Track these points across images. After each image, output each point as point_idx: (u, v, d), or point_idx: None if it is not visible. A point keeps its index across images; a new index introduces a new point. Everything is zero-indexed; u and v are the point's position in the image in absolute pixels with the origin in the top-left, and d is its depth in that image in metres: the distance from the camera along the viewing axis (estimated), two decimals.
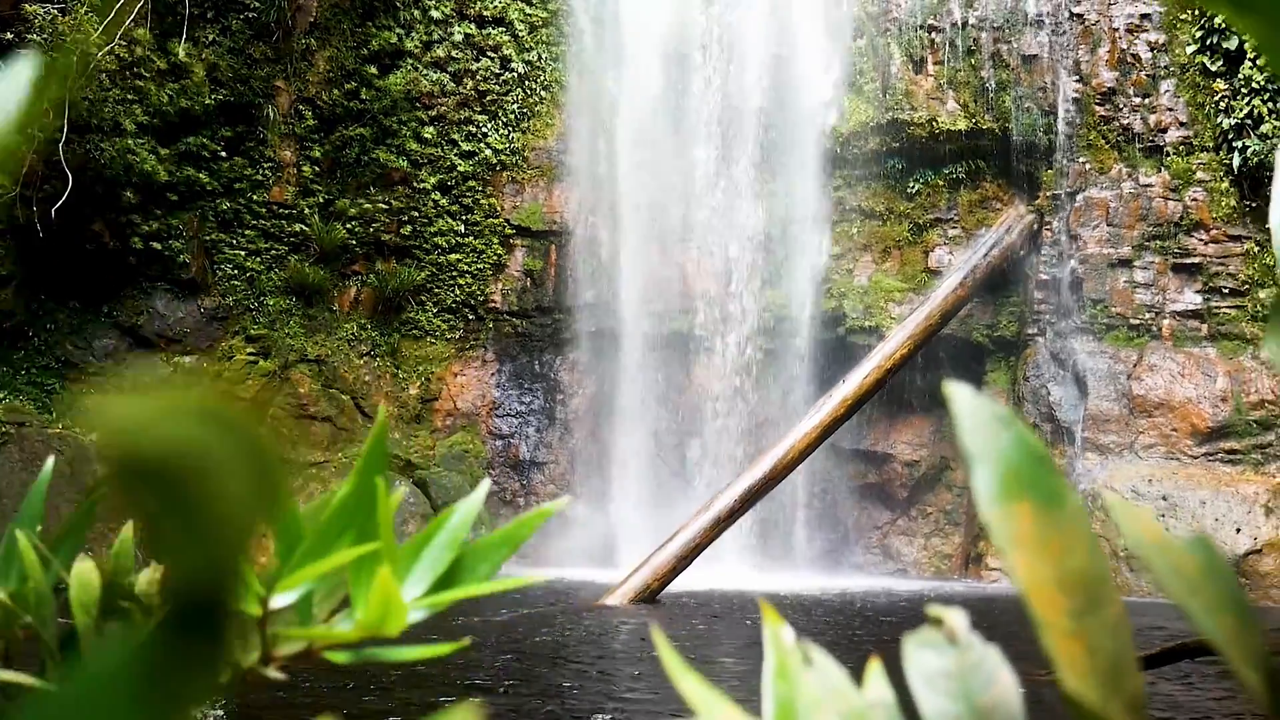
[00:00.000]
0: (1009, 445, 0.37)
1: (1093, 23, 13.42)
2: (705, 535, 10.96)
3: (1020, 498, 0.36)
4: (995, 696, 0.39)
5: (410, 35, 14.78)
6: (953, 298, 13.12)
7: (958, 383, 0.42)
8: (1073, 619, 0.34)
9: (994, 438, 0.37)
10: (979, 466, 0.37)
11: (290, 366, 14.30)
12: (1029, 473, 0.37)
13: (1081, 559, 0.36)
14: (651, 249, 14.50)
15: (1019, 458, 0.37)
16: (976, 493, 0.37)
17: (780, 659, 0.43)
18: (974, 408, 0.38)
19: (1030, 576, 0.35)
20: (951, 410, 0.39)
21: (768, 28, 14.19)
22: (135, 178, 12.87)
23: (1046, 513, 0.36)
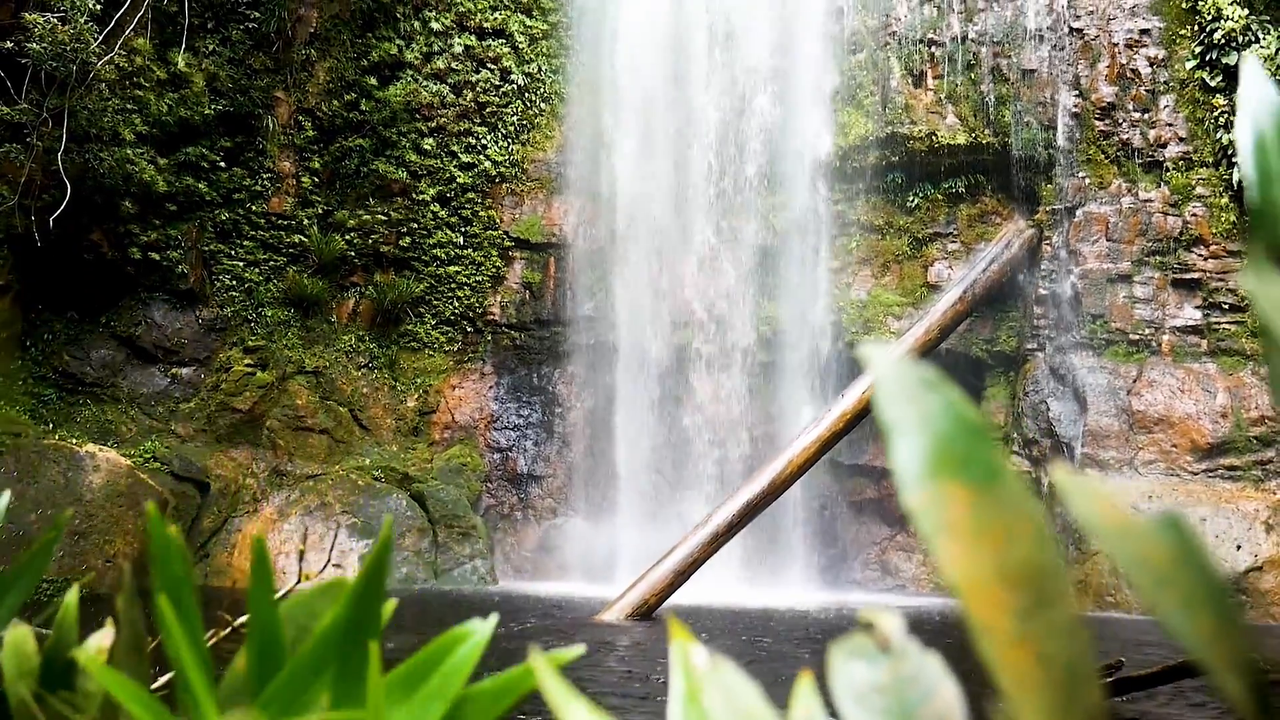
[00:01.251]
0: (937, 414, 0.31)
1: (1092, 38, 13.42)
2: (703, 550, 10.89)
3: (951, 476, 0.31)
4: (935, 712, 0.34)
5: (410, 47, 14.79)
6: (952, 312, 13.08)
7: (873, 344, 0.37)
8: (1018, 621, 0.29)
9: (919, 405, 0.32)
10: (901, 439, 0.32)
11: (288, 378, 14.25)
12: (961, 446, 0.31)
13: (1027, 547, 0.30)
14: (650, 262, 14.46)
15: (949, 428, 0.31)
16: (898, 471, 0.32)
17: (689, 682, 0.38)
18: (895, 371, 0.33)
19: (965, 570, 0.30)
20: (869, 372, 0.34)
21: (767, 41, 14.19)
22: (134, 187, 12.84)
23: (983, 493, 0.30)
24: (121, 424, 13.38)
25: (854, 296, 14.17)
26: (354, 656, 0.55)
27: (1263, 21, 12.56)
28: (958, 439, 0.31)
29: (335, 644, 0.55)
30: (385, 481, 13.57)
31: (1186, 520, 0.34)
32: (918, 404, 0.31)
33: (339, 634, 0.55)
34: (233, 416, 13.79)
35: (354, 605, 0.56)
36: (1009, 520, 0.31)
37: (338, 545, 12.78)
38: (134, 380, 13.75)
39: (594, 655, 7.74)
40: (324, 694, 0.55)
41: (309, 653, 0.54)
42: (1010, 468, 0.33)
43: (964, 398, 0.35)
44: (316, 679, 0.55)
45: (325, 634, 0.55)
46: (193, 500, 12.91)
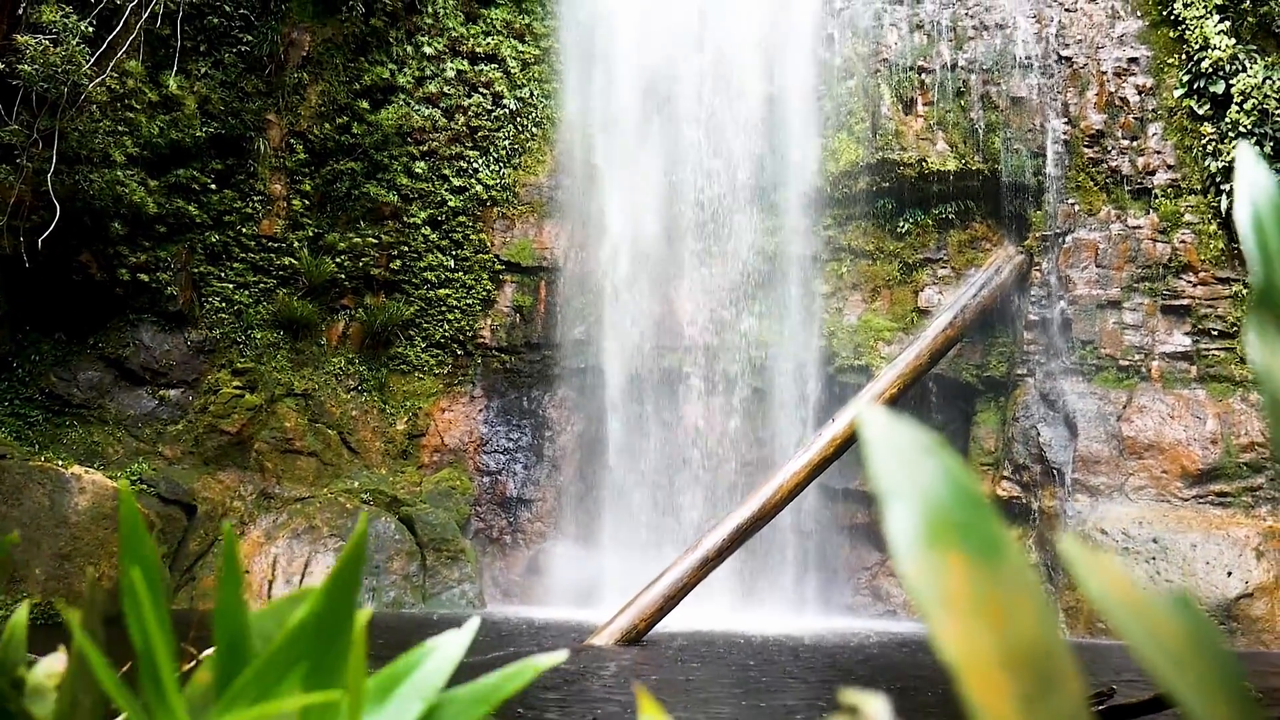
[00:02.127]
0: (933, 480, 0.29)
1: (1081, 66, 13.52)
2: (693, 575, 10.84)
3: (949, 546, 0.28)
4: None
5: (403, 71, 14.82)
6: (942, 338, 13.10)
7: (869, 407, 0.34)
8: (1021, 707, 0.27)
9: (914, 470, 0.29)
10: (895, 505, 0.30)
11: (277, 400, 14.18)
12: (960, 515, 0.29)
13: (1030, 626, 0.28)
14: (641, 286, 14.47)
15: (947, 496, 0.29)
16: (892, 539, 0.30)
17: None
18: (889, 433, 0.31)
19: (964, 649, 0.27)
20: (861, 437, 0.32)
21: (758, 67, 14.26)
22: (124, 209, 12.81)
23: (983, 566, 0.28)
24: (108, 446, 13.29)
25: (845, 321, 14.19)
26: (328, 652, 0.52)
27: (1249, 51, 12.67)
28: (955, 507, 0.29)
29: (308, 639, 0.52)
30: (374, 504, 13.49)
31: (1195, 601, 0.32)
32: (913, 469, 0.29)
33: (311, 628, 0.52)
34: (220, 439, 13.71)
35: (328, 598, 0.53)
36: (1010, 596, 0.28)
37: (325, 568, 12.67)
38: (121, 402, 13.67)
39: (580, 681, 7.68)
40: (295, 691, 0.52)
41: (279, 648, 0.51)
42: (1011, 539, 0.30)
43: (962, 464, 0.33)
44: (287, 676, 0.52)
45: (297, 628, 0.52)
46: (179, 523, 12.81)
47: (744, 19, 14.23)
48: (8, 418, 12.81)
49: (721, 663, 8.92)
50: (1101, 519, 12.34)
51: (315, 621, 0.52)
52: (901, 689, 7.72)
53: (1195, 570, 11.68)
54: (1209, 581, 11.60)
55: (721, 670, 8.47)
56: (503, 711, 6.24)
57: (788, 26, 14.28)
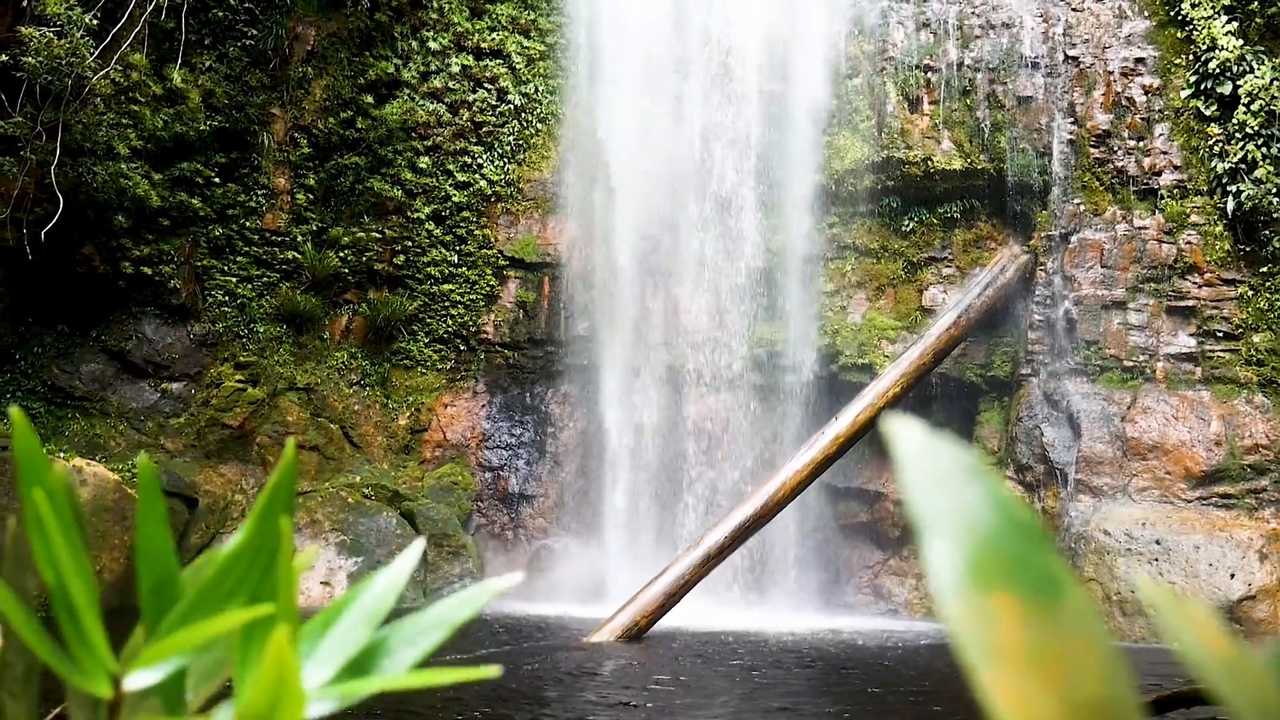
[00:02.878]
0: (980, 508, 0.25)
1: (1088, 65, 13.47)
2: (695, 572, 10.82)
3: (999, 586, 0.24)
4: None
5: (408, 65, 14.79)
6: (946, 337, 13.07)
7: (902, 419, 0.31)
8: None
9: (957, 497, 0.26)
10: (936, 539, 0.26)
11: (279, 394, 14.17)
12: (1010, 549, 0.25)
13: (1095, 681, 0.24)
14: (645, 283, 14.44)
15: (995, 527, 0.25)
16: (933, 577, 0.26)
17: None
18: (928, 453, 0.28)
19: (1019, 709, 0.23)
20: (895, 456, 0.29)
21: (764, 64, 14.22)
22: (127, 202, 12.79)
23: (1040, 609, 0.24)
24: (110, 438, 13.28)
25: (849, 320, 14.16)
26: (264, 581, 0.49)
27: (1257, 51, 12.62)
28: (1006, 540, 0.25)
29: (240, 569, 0.49)
30: (375, 499, 13.48)
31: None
32: (956, 496, 0.26)
33: (245, 558, 0.49)
34: (222, 432, 13.70)
35: (259, 525, 0.50)
36: (1071, 645, 0.24)
37: (326, 563, 12.67)
38: (124, 395, 13.66)
39: (579, 678, 7.67)
40: None
41: (210, 581, 0.48)
42: (1070, 576, 0.27)
43: (1011, 489, 0.30)
44: (221, 611, 0.48)
45: (229, 559, 0.50)
46: (181, 516, 12.80)
47: (751, 16, 14.19)
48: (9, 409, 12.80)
49: (722, 660, 8.91)
50: (1104, 520, 12.31)
51: (248, 551, 0.49)
52: (902, 689, 7.71)
53: (1198, 572, 11.65)
54: (1212, 584, 11.57)
55: (721, 668, 8.46)
56: (504, 706, 6.23)
57: (794, 24, 14.23)
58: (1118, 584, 11.81)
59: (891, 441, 0.30)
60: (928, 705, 7.01)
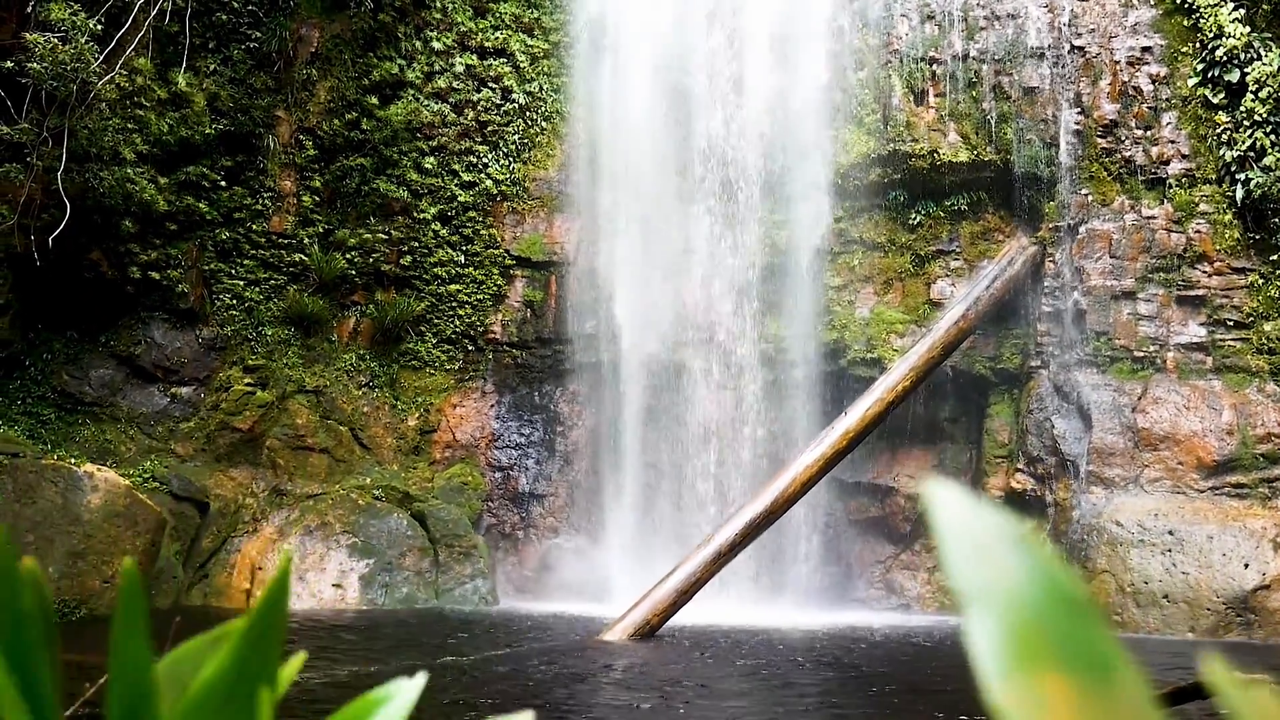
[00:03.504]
0: (1026, 581, 0.23)
1: (1094, 55, 13.40)
2: (706, 569, 10.81)
3: (1048, 666, 0.22)
4: None
5: (412, 66, 14.78)
6: (955, 330, 13.02)
7: (938, 481, 0.29)
8: None
9: (1001, 569, 0.23)
10: (979, 614, 0.23)
11: (288, 397, 14.19)
12: (1060, 626, 0.23)
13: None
14: (652, 280, 14.41)
15: (1044, 602, 0.23)
16: (977, 656, 0.24)
17: None
18: (968, 520, 0.25)
19: None
20: (933, 522, 0.26)
21: (768, 59, 14.18)
22: (134, 207, 12.80)
23: (1094, 692, 0.22)
24: (120, 443, 13.31)
25: (857, 314, 14.12)
26: (243, 712, 0.44)
27: (1264, 39, 12.54)
28: (1055, 616, 0.23)
29: (219, 697, 0.44)
30: (386, 501, 13.49)
31: None
32: (1000, 567, 0.24)
33: (225, 684, 0.44)
34: (232, 436, 13.72)
35: (244, 648, 0.45)
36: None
37: (338, 565, 12.68)
38: (133, 400, 13.69)
39: (590, 678, 7.65)
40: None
41: (184, 709, 0.44)
42: (1123, 654, 0.25)
43: (1060, 559, 0.27)
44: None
45: (206, 684, 0.44)
46: (192, 520, 12.83)
47: (754, 11, 14.15)
48: (20, 416, 12.84)
49: (734, 657, 8.89)
50: (1117, 511, 12.26)
51: (230, 674, 0.44)
52: (916, 685, 7.68)
53: (1212, 562, 11.60)
54: (1226, 573, 11.52)
55: (734, 665, 8.44)
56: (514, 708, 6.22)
57: (798, 18, 14.18)
58: (1131, 575, 11.77)
59: (929, 509, 0.28)
60: (945, 705, 6.98)
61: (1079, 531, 12.43)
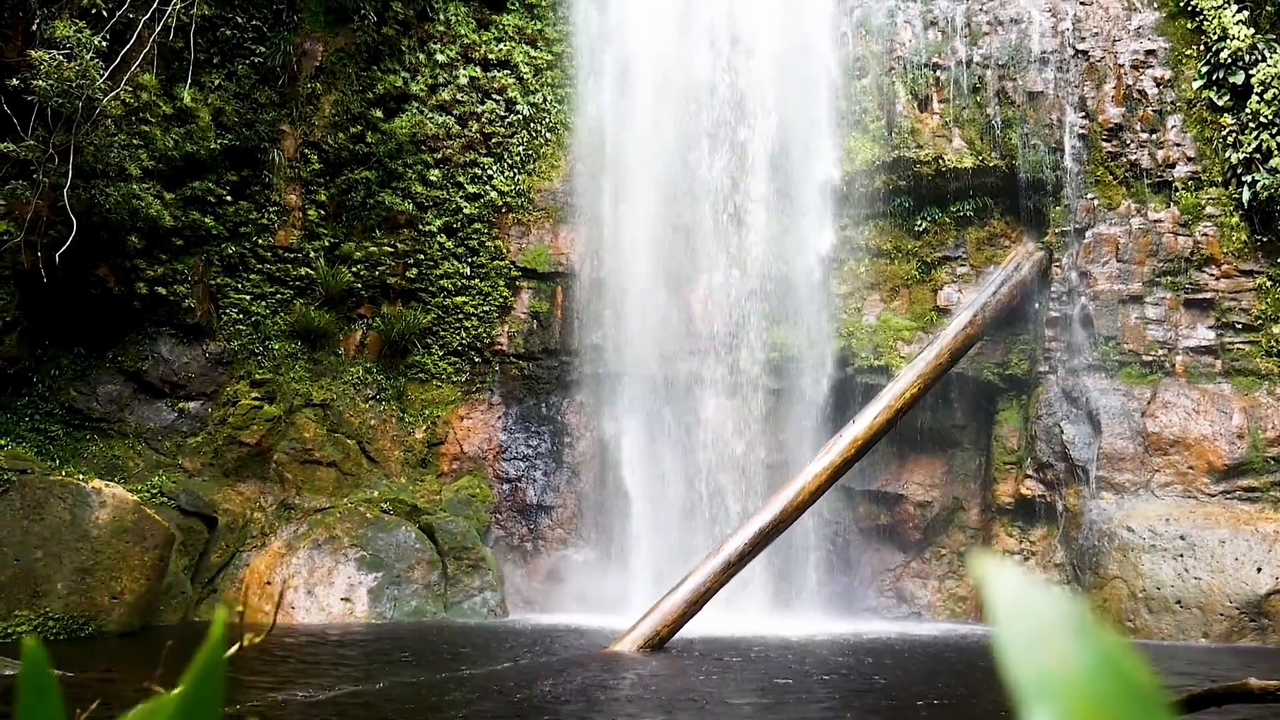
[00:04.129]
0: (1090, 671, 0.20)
1: (1098, 59, 13.38)
2: (715, 579, 10.77)
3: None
4: None
5: (416, 79, 14.81)
6: (962, 336, 12.99)
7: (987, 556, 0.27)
8: None
9: (1063, 658, 0.21)
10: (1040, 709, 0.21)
11: (295, 411, 14.19)
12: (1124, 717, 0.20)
13: None
14: (658, 290, 14.40)
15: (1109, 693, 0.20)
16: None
17: None
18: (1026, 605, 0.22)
19: None
20: (988, 604, 0.24)
21: (771, 67, 14.18)
22: (140, 222, 12.83)
23: None
24: (128, 459, 13.32)
25: (864, 321, 14.09)
26: None
27: (1269, 40, 12.51)
28: (1122, 709, 0.20)
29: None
30: (394, 514, 13.47)
31: None
32: (1061, 657, 0.21)
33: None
34: (240, 450, 13.72)
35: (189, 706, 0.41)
36: None
37: (346, 579, 12.66)
38: (141, 415, 13.70)
39: (599, 691, 7.61)
40: None
41: None
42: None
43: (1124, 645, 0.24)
44: None
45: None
46: (200, 535, 12.82)
47: (757, 20, 14.15)
48: (29, 433, 12.85)
49: (745, 668, 8.85)
50: (1128, 517, 12.20)
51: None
52: (932, 695, 7.63)
53: (1224, 567, 11.53)
54: (1238, 578, 11.45)
55: (745, 675, 8.40)
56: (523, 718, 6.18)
57: (801, 26, 14.19)
58: (1143, 581, 11.70)
59: (984, 591, 0.26)
60: (967, 710, 6.93)
61: (1090, 537, 12.36)
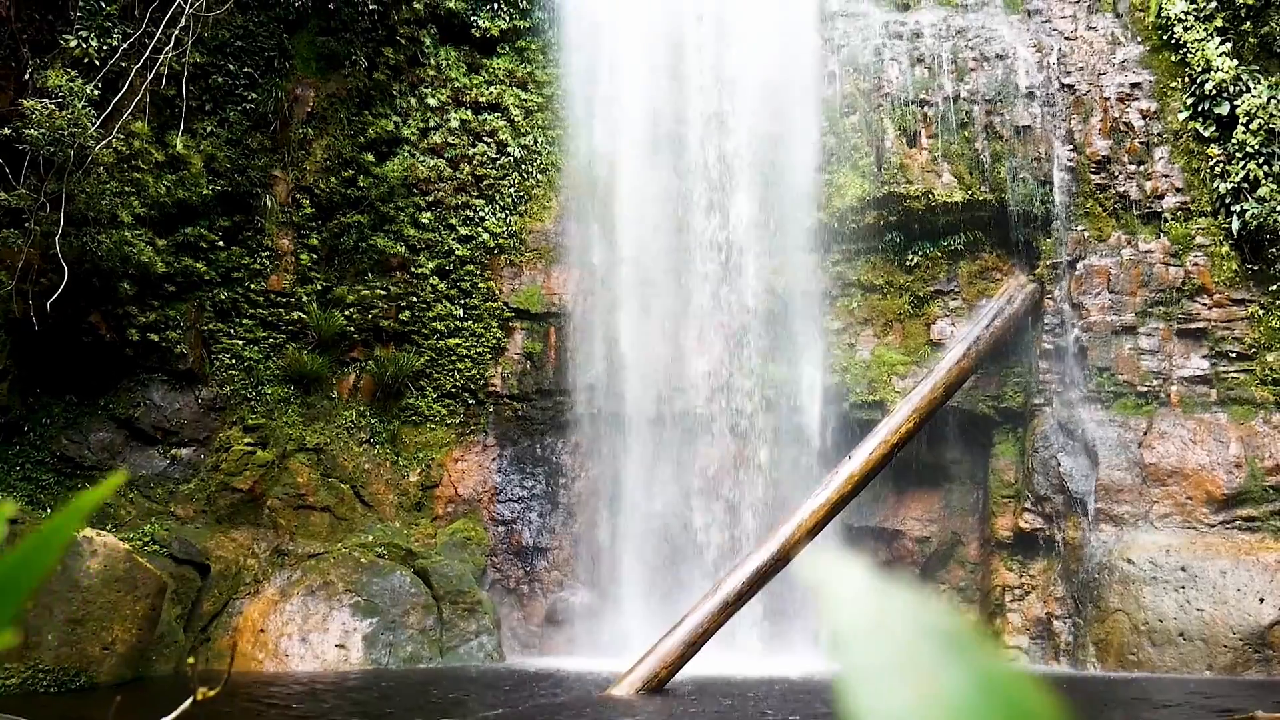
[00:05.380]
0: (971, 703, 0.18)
1: (1084, 93, 13.49)
2: (714, 620, 10.66)
3: None
4: None
5: (407, 122, 14.89)
6: (956, 370, 12.98)
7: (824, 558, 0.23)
8: None
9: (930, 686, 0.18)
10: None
11: (289, 456, 14.10)
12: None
13: None
14: (651, 328, 14.39)
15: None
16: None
17: None
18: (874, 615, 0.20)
19: None
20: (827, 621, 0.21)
21: (761, 107, 14.28)
22: (132, 269, 12.82)
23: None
24: (121, 507, 13.21)
25: (857, 357, 14.08)
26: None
27: (1252, 72, 12.63)
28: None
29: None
30: (388, 558, 13.35)
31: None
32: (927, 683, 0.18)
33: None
34: (233, 496, 13.62)
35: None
36: None
37: (341, 625, 12.51)
38: (133, 462, 13.61)
39: None
40: None
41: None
42: None
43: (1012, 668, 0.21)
44: None
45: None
46: (193, 583, 12.68)
47: (745, 59, 14.27)
48: (20, 482, 12.76)
49: (745, 710, 8.72)
50: (1127, 548, 12.12)
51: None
52: None
53: (1226, 598, 11.44)
54: (1241, 609, 11.36)
55: (745, 718, 8.28)
56: None
57: (789, 66, 14.31)
58: (1145, 613, 11.60)
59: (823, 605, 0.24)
60: None
61: (1090, 570, 12.28)
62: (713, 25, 14.42)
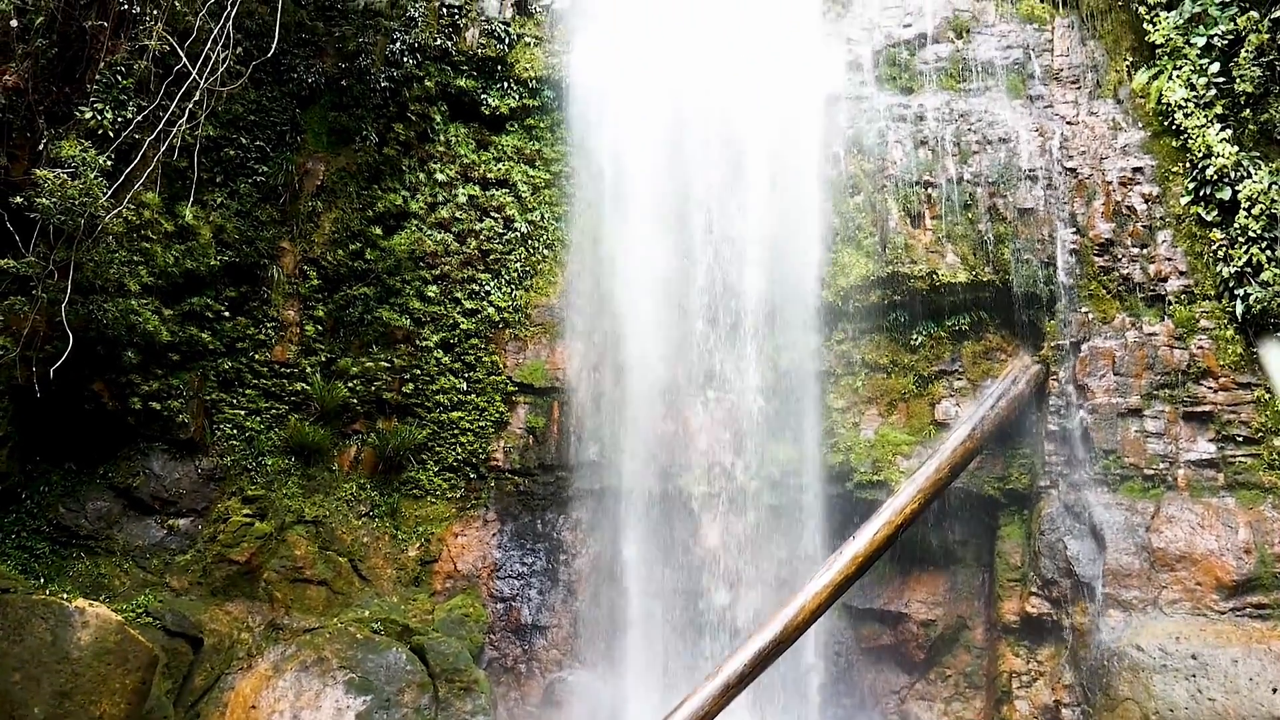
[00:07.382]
0: None
1: (1086, 176, 13.64)
2: (715, 703, 10.46)
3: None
4: None
5: (415, 197, 15.05)
6: (961, 450, 12.91)
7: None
8: None
9: None
10: None
11: (287, 528, 13.97)
12: None
13: None
14: (655, 405, 14.37)
15: None
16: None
17: None
18: None
19: None
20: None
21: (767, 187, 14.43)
22: (137, 338, 12.85)
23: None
24: (115, 577, 13.05)
25: (861, 436, 14.01)
26: None
27: (1253, 157, 12.76)
28: None
29: None
30: (385, 634, 13.14)
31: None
32: None
33: None
34: (229, 568, 13.46)
35: None
36: None
37: (334, 703, 12.27)
38: (130, 532, 13.48)
39: None
40: None
41: None
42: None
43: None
44: None
45: None
46: (185, 657, 12.46)
47: (751, 139, 14.46)
48: (14, 550, 12.62)
49: None
50: (1136, 635, 11.91)
51: None
52: None
53: (1238, 688, 11.21)
54: (1253, 699, 11.11)
55: None
56: None
57: (794, 147, 14.50)
58: (1155, 703, 11.36)
59: None
60: None
61: (1099, 657, 12.04)
62: (718, 106, 14.64)
